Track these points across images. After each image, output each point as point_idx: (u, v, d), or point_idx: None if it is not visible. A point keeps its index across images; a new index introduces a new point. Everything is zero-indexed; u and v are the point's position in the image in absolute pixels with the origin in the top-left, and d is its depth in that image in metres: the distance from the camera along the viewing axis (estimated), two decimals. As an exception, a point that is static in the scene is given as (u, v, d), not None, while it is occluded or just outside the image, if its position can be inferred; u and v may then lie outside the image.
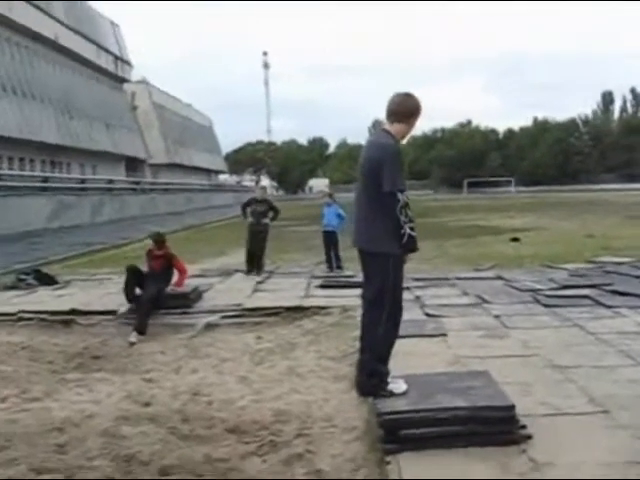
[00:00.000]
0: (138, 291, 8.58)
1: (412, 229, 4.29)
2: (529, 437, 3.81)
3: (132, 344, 7.68)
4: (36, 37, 39.97)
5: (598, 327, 6.70)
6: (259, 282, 10.75)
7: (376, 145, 4.51)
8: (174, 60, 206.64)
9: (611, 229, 20.04)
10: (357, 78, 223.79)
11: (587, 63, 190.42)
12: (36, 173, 37.11)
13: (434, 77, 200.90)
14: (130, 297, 8.52)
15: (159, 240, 9.06)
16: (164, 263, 8.86)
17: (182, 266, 9.08)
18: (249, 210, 12.43)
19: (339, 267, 11.84)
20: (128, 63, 59.02)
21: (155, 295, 8.38)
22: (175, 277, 8.92)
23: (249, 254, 12.22)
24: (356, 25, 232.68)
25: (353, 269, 10.54)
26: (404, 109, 4.46)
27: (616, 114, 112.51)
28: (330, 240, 12.04)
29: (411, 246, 4.35)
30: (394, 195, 4.23)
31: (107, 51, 53.23)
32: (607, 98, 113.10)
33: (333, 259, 11.98)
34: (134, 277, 8.68)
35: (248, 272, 11.85)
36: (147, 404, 5.37)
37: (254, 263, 12.05)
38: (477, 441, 3.74)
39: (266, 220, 12.34)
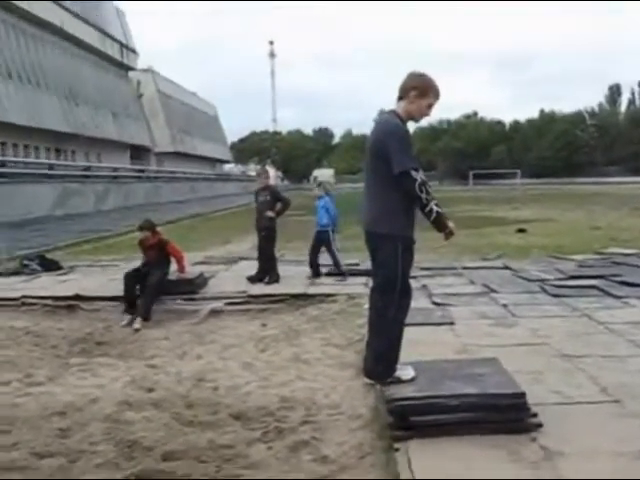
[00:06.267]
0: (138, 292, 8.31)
1: (437, 205, 4.13)
2: (540, 425, 3.74)
3: (136, 330, 7.63)
4: (42, 24, 39.83)
5: (607, 317, 6.63)
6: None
7: (380, 126, 4.40)
8: (180, 48, 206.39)
9: (617, 221, 19.93)
10: (363, 69, 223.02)
11: (595, 56, 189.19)
12: (41, 160, 37.07)
13: (442, 68, 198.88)
14: (131, 304, 8.17)
15: (150, 227, 8.82)
16: (159, 250, 8.66)
17: (177, 251, 8.85)
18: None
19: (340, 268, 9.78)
20: (133, 51, 58.88)
21: (159, 281, 8.32)
22: (174, 264, 8.79)
23: (259, 257, 9.93)
24: (364, 16, 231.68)
25: (356, 257, 10.46)
26: (402, 85, 4.37)
27: (623, 107, 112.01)
28: (323, 241, 9.89)
29: (440, 222, 4.17)
30: (408, 175, 4.08)
31: (113, 39, 53.08)
32: (614, 91, 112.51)
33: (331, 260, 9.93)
34: (132, 281, 8.33)
35: (254, 279, 9.50)
36: (151, 389, 5.33)
37: (261, 268, 9.71)
38: (487, 428, 3.68)
39: (270, 213, 9.68)
